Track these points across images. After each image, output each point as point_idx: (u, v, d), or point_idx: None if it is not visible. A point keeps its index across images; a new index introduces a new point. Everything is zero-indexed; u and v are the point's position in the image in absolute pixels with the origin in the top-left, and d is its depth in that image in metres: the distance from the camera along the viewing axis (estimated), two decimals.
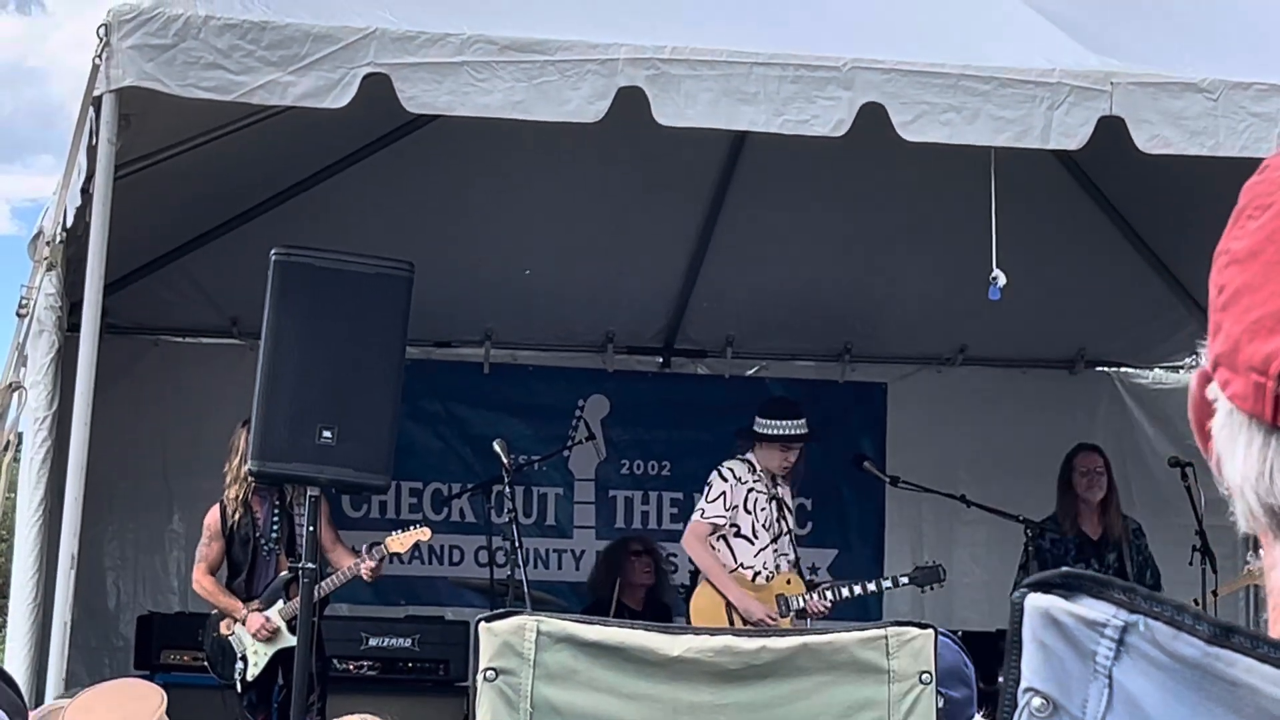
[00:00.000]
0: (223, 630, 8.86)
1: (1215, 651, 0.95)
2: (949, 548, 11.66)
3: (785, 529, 8.89)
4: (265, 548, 8.86)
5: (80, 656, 8.94)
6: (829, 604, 8.85)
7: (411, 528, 8.88)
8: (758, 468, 8.84)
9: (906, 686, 3.23)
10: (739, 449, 9.05)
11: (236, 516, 8.83)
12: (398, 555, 8.89)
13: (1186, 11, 8.43)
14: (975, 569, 11.60)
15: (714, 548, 8.74)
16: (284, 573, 8.78)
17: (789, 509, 8.99)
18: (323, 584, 8.52)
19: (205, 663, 9.07)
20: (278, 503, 8.84)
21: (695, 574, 9.03)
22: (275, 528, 8.83)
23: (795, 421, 8.95)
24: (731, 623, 8.50)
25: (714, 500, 8.74)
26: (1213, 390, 1.07)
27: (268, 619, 8.68)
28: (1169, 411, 11.62)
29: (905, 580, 9.22)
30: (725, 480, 8.78)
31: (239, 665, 8.77)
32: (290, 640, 8.46)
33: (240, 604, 8.78)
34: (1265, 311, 1.02)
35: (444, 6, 7.18)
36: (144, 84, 6.64)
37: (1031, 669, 1.00)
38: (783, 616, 8.68)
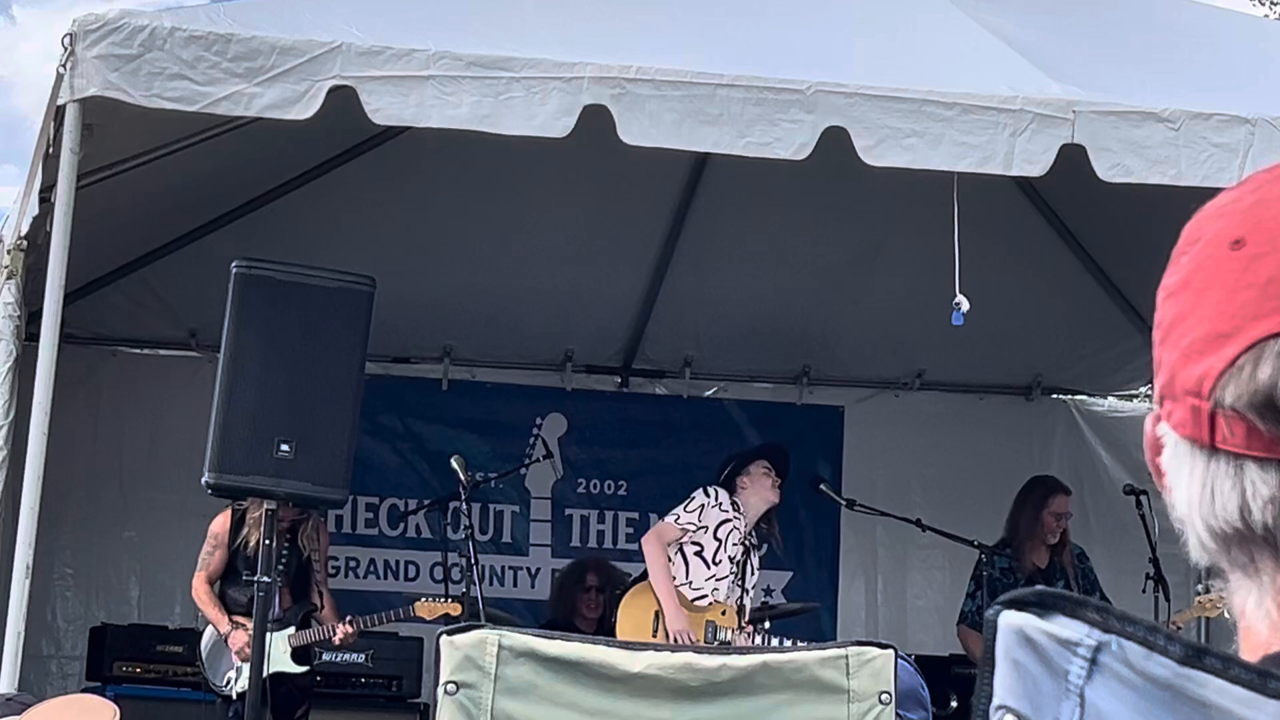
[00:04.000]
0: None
1: (1187, 673, 0.95)
2: (904, 571, 11.69)
3: (741, 573, 8.81)
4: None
5: (33, 666, 8.88)
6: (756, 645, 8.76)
7: (442, 600, 8.79)
8: (741, 508, 8.79)
9: (866, 706, 3.24)
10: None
11: (252, 538, 8.43)
12: (354, 571, 8.83)
13: (1148, 43, 8.48)
14: (929, 593, 11.62)
15: (669, 559, 8.68)
16: (309, 606, 8.73)
17: (754, 566, 8.93)
18: (308, 632, 8.59)
19: (197, 665, 8.94)
20: (289, 538, 8.69)
21: (637, 579, 8.96)
22: (284, 561, 8.64)
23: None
24: (655, 633, 8.45)
25: (691, 510, 8.65)
26: (1162, 427, 1.10)
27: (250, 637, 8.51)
28: (1124, 439, 11.66)
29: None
30: (708, 497, 8.68)
31: (230, 674, 8.64)
32: (287, 667, 8.41)
33: (226, 618, 8.60)
34: (1195, 336, 1.05)
35: (410, 23, 7.17)
36: (108, 94, 6.62)
37: (1004, 686, 1.01)
38: (707, 642, 8.60)
